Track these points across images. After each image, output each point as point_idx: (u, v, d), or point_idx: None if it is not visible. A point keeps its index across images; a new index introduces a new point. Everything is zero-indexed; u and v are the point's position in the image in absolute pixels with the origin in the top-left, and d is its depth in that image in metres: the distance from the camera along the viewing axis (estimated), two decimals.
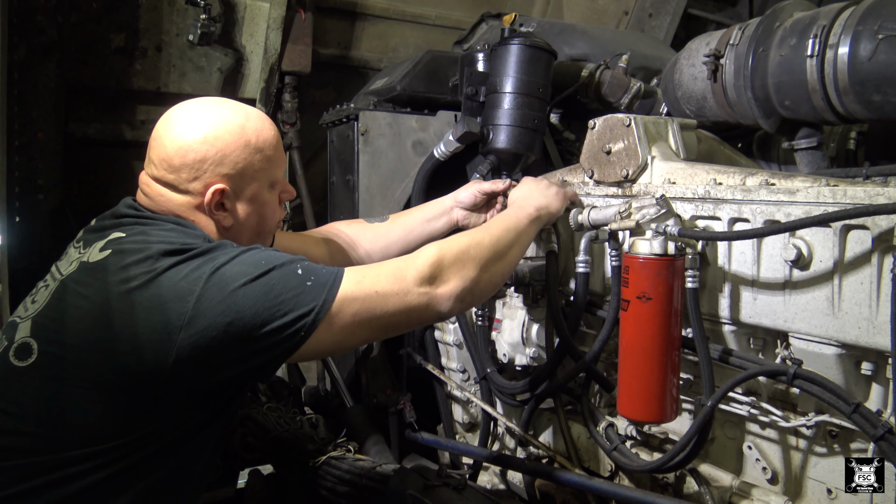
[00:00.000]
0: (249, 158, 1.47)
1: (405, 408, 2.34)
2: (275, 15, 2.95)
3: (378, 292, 1.38)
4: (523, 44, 2.16)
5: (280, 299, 1.29)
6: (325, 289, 1.33)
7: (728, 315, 1.65)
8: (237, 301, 1.27)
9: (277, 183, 1.56)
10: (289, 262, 1.35)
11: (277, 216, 1.59)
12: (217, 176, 1.44)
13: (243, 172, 1.47)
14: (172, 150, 1.45)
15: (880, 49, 1.59)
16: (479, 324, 2.14)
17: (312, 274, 1.35)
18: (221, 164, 1.44)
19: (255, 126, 1.49)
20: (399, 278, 1.41)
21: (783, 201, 1.51)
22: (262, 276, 1.31)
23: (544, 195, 1.83)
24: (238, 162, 1.45)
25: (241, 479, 2.56)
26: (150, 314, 1.26)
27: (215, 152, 1.44)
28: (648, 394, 1.60)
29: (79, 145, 2.88)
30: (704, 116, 2.11)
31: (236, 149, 1.45)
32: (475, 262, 1.50)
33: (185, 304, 1.25)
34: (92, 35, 2.74)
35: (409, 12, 3.57)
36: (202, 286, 1.27)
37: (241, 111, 1.52)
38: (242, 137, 1.46)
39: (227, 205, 1.47)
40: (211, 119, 1.47)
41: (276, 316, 1.28)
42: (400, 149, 2.54)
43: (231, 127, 1.47)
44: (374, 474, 1.88)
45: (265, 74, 3.03)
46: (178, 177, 1.44)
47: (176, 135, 1.46)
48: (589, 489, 1.80)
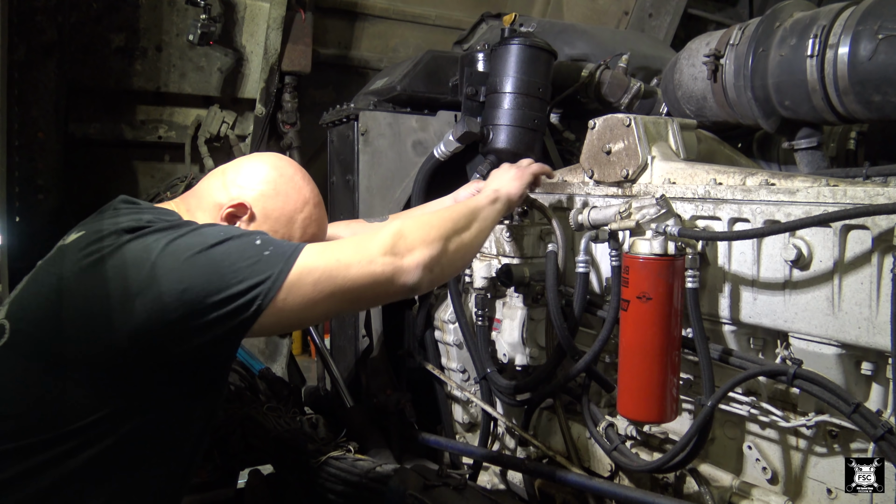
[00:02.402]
0: (288, 225, 1.56)
1: (405, 408, 2.33)
2: (275, 15, 2.95)
3: (340, 260, 1.35)
4: (523, 44, 2.16)
5: (235, 267, 1.28)
6: (284, 258, 1.32)
7: (728, 315, 1.65)
8: (192, 268, 1.27)
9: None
10: (248, 233, 1.36)
11: None
12: (256, 203, 1.53)
13: (273, 221, 1.54)
14: (248, 170, 1.57)
15: (880, 49, 1.59)
16: (479, 324, 2.14)
17: (272, 245, 1.34)
18: (269, 199, 1.54)
19: (313, 215, 1.60)
20: (362, 248, 1.39)
21: (783, 201, 1.51)
22: (219, 244, 1.30)
23: (504, 178, 1.84)
24: (279, 215, 1.55)
25: (241, 479, 2.56)
26: (110, 284, 1.27)
27: (272, 192, 1.55)
28: (648, 394, 1.60)
29: (79, 145, 2.88)
30: (704, 116, 2.11)
31: (287, 210, 1.56)
32: (437, 234, 1.48)
33: (140, 271, 1.26)
34: (92, 35, 2.75)
35: (409, 12, 3.57)
36: (158, 253, 1.28)
37: (322, 200, 1.65)
38: (299, 210, 1.57)
39: (237, 224, 1.52)
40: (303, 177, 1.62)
41: (230, 283, 1.27)
42: (400, 149, 2.54)
43: (303, 196, 1.58)
44: (374, 474, 1.88)
45: (265, 74, 3.03)
46: (231, 180, 1.55)
47: (263, 165, 1.60)
48: (589, 489, 1.80)
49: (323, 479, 1.96)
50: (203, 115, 3.04)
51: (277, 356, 3.24)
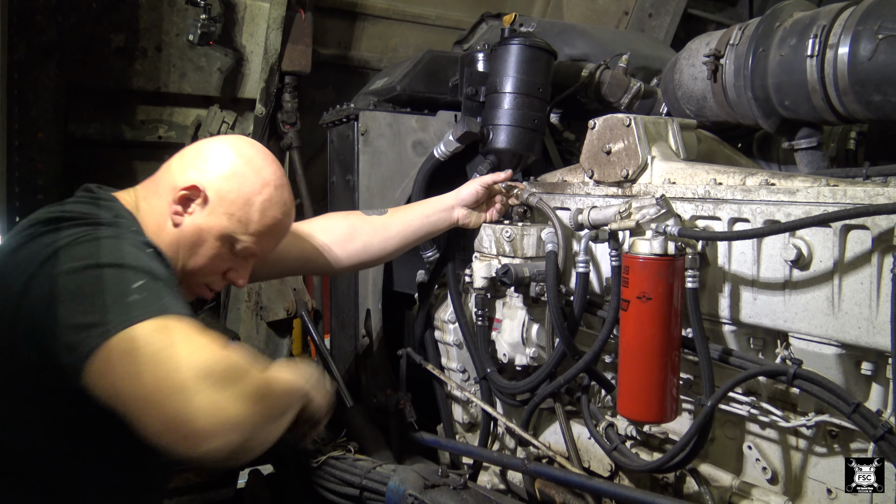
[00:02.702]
0: (245, 207, 1.49)
1: (405, 408, 2.33)
2: (275, 15, 2.95)
3: (167, 355, 1.12)
4: (523, 44, 2.16)
5: (92, 299, 1.17)
6: (131, 313, 1.15)
7: (728, 315, 1.65)
8: (59, 284, 1.19)
9: (243, 251, 1.53)
10: (136, 268, 1.23)
11: (209, 275, 1.54)
12: (210, 186, 1.47)
13: (229, 204, 1.48)
14: (206, 152, 1.52)
15: (880, 49, 1.59)
16: (479, 324, 2.14)
17: (146, 293, 1.19)
18: (225, 180, 1.48)
19: (274, 197, 1.52)
20: (208, 358, 1.14)
21: (783, 201, 1.51)
22: (96, 267, 1.21)
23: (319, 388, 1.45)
24: (236, 197, 1.48)
25: (241, 479, 2.57)
26: (10, 279, 1.25)
27: (229, 173, 1.48)
28: (648, 394, 1.60)
29: (79, 145, 2.88)
30: (704, 116, 2.11)
31: (244, 192, 1.48)
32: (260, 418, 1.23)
33: (23, 275, 1.23)
34: (92, 35, 2.74)
35: (409, 12, 3.56)
36: (41, 261, 1.23)
37: (287, 183, 1.57)
38: (257, 192, 1.49)
39: (190, 208, 1.48)
40: (263, 158, 1.54)
41: (77, 312, 1.16)
42: (400, 149, 2.54)
43: (262, 178, 1.51)
44: (374, 474, 1.88)
45: (265, 74, 3.03)
46: (188, 162, 1.51)
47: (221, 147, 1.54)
48: (589, 489, 1.79)
49: (323, 479, 1.96)
50: (203, 115, 3.04)
51: (277, 356, 3.24)
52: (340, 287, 2.63)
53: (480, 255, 2.17)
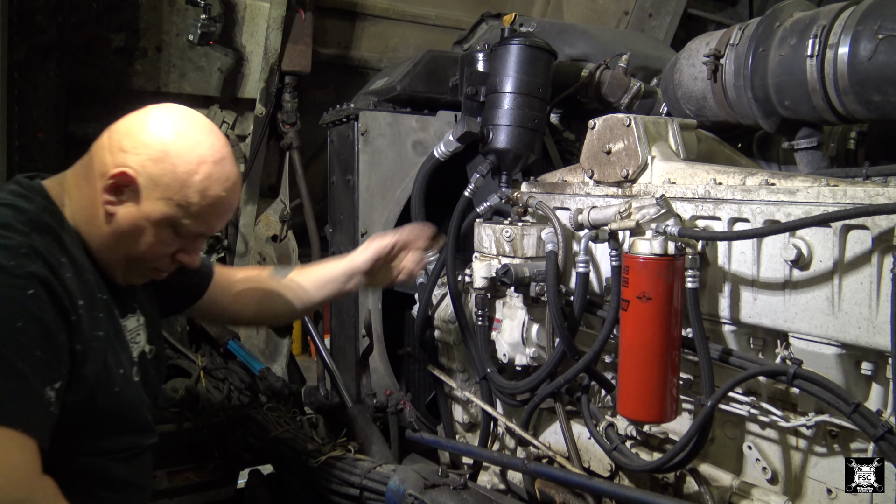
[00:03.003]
0: (182, 190, 1.34)
1: (405, 408, 2.33)
2: (275, 15, 2.95)
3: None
4: (523, 44, 2.16)
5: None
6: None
7: (728, 315, 1.65)
8: None
9: (186, 235, 1.41)
10: (17, 352, 1.17)
11: (156, 260, 1.43)
12: (141, 170, 1.33)
13: (164, 188, 1.34)
14: (134, 129, 1.36)
15: (880, 49, 1.59)
16: (479, 324, 2.14)
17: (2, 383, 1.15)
18: (156, 162, 1.33)
19: (213, 174, 1.36)
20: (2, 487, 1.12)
21: (783, 201, 1.51)
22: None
23: None
24: (171, 180, 1.33)
25: (241, 479, 2.56)
26: None
27: (160, 153, 1.33)
28: (648, 394, 1.60)
29: (79, 145, 2.86)
30: (704, 116, 2.11)
31: (179, 172, 1.33)
32: None
33: None
34: (92, 35, 2.74)
35: (409, 12, 3.57)
36: None
37: (227, 155, 1.40)
38: (193, 171, 1.34)
39: (123, 196, 1.34)
40: (196, 131, 1.38)
41: None
42: (400, 149, 2.54)
43: (197, 154, 1.35)
44: (374, 474, 1.88)
45: (265, 74, 3.03)
46: (115, 142, 1.36)
47: (150, 122, 1.37)
48: (589, 489, 1.79)
49: (323, 479, 1.96)
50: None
51: (277, 356, 3.24)
52: None
53: (480, 255, 2.17)
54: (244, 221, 3.17)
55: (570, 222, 1.90)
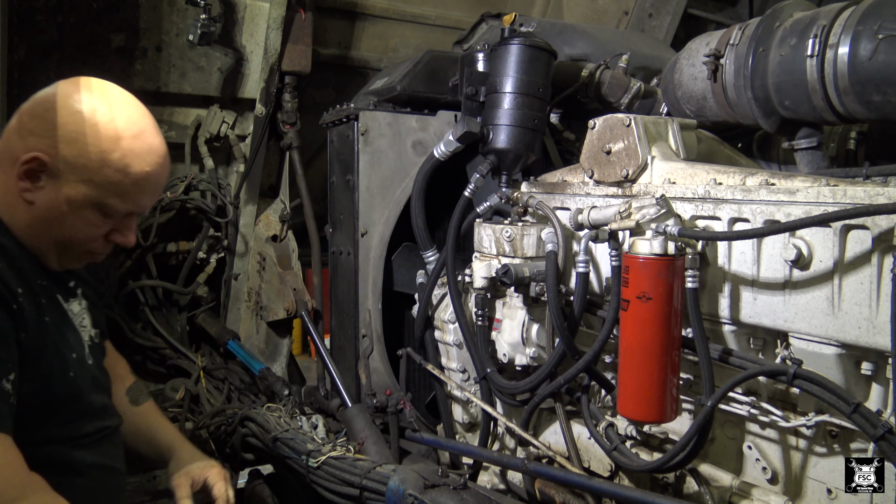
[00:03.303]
0: (102, 170, 1.27)
1: (405, 408, 2.33)
2: (275, 15, 2.95)
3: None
4: (523, 44, 2.16)
5: None
6: None
7: (728, 315, 1.65)
8: None
9: (114, 214, 1.35)
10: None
11: (89, 242, 1.38)
12: (55, 153, 1.26)
13: (81, 170, 1.27)
14: (43, 110, 1.29)
15: (880, 49, 1.59)
16: (479, 324, 2.14)
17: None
18: (69, 144, 1.26)
19: (133, 149, 1.30)
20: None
21: (783, 201, 1.51)
22: None
23: None
24: (87, 161, 1.27)
25: (241, 479, 2.56)
26: None
27: (72, 134, 1.25)
28: (648, 394, 1.60)
29: None
30: (704, 116, 2.11)
31: (95, 153, 1.27)
32: None
33: None
34: (92, 35, 2.74)
35: (409, 12, 3.56)
36: None
37: (148, 126, 1.33)
38: (110, 150, 1.27)
39: (40, 182, 1.29)
40: (110, 105, 1.30)
41: None
42: (400, 149, 2.54)
43: (113, 129, 1.28)
44: (374, 474, 1.88)
45: (265, 74, 3.03)
46: (25, 125, 1.30)
47: (59, 100, 1.29)
48: (589, 489, 1.79)
49: (323, 478, 1.96)
50: (203, 115, 3.04)
51: (277, 356, 3.24)
52: (340, 287, 2.63)
53: (480, 255, 2.17)
54: (244, 221, 3.17)
55: (570, 222, 1.90)
